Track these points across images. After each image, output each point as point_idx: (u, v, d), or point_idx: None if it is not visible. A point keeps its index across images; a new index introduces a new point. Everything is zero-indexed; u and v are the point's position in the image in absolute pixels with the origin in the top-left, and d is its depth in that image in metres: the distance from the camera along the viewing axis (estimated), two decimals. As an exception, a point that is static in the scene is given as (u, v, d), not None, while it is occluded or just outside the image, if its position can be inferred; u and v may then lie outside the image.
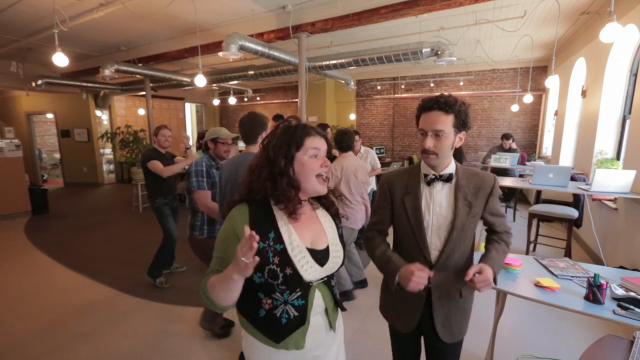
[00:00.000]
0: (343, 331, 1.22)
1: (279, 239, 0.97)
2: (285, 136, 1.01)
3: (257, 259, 0.82)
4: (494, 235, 1.35)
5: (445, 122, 1.16)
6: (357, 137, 4.19)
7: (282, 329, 0.99)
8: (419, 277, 1.11)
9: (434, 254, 1.24)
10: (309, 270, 0.98)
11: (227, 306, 0.96)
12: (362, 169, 2.98)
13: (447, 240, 1.22)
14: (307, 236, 1.02)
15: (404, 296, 1.28)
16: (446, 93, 1.22)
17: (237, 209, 1.01)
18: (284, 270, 0.95)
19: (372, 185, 4.38)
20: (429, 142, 1.17)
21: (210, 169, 2.33)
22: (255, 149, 1.96)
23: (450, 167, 1.25)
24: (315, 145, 1.01)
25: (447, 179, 1.23)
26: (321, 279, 1.04)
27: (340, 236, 1.13)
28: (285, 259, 0.96)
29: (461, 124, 1.19)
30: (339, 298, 1.14)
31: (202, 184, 2.25)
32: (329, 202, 1.14)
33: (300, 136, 1.00)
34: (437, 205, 1.23)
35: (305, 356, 1.04)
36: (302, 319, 1.00)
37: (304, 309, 1.00)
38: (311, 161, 1.00)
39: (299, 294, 1.00)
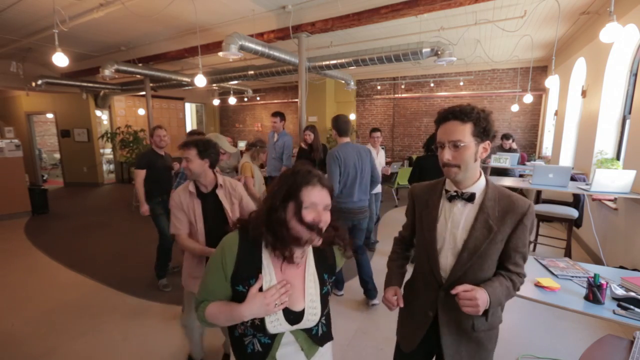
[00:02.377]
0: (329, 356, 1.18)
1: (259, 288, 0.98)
2: (286, 180, 0.98)
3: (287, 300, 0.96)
4: (503, 270, 1.17)
5: (463, 131, 1.07)
6: (378, 134, 4.27)
7: (246, 355, 1.03)
8: (386, 300, 1.22)
9: (444, 274, 1.17)
10: (277, 327, 0.99)
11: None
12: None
13: (456, 262, 1.14)
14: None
15: (412, 312, 1.26)
16: (464, 103, 1.13)
17: (229, 242, 1.02)
18: (253, 319, 0.98)
19: (378, 189, 4.36)
20: (447, 154, 1.09)
21: None
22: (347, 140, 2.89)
23: (477, 186, 1.14)
24: (312, 199, 0.95)
25: (469, 198, 1.13)
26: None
27: (324, 295, 1.07)
28: None
29: (482, 132, 1.09)
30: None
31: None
32: (328, 254, 1.09)
33: (298, 183, 0.97)
34: (455, 224, 1.15)
35: None
36: (264, 355, 1.02)
37: (268, 347, 1.02)
38: (304, 213, 0.94)
39: (266, 335, 1.02)
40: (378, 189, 4.34)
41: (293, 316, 1.00)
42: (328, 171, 2.83)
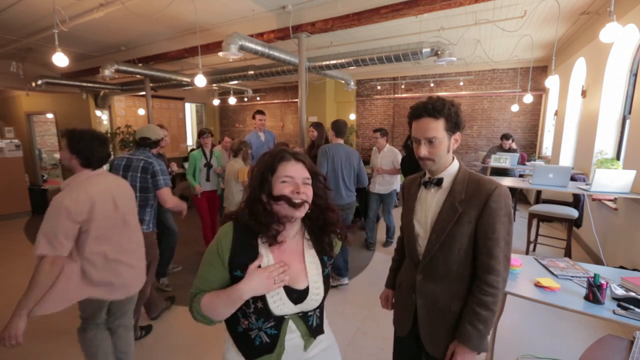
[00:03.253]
0: (331, 345, 1.17)
1: None
2: (262, 162, 1.02)
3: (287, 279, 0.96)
4: (474, 286, 1.17)
5: (437, 128, 1.14)
6: (377, 134, 4.30)
7: (254, 349, 1.02)
8: (380, 299, 1.48)
9: (420, 257, 1.25)
10: (281, 307, 0.99)
11: (220, 321, 1.00)
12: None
13: (427, 244, 1.21)
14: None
15: (401, 297, 1.38)
16: (434, 96, 1.18)
17: (224, 230, 1.02)
18: (255, 302, 0.97)
19: (396, 185, 4.40)
20: (423, 150, 1.17)
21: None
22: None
23: (447, 172, 1.21)
24: (287, 173, 0.99)
25: (437, 182, 1.21)
26: (296, 313, 1.03)
27: (326, 277, 1.08)
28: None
29: (453, 126, 1.16)
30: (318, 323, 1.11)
31: (168, 181, 2.43)
32: (324, 238, 1.08)
33: (274, 162, 1.00)
34: (428, 208, 1.23)
35: None
36: (272, 346, 1.01)
37: (275, 338, 1.01)
38: (281, 187, 0.98)
39: (272, 324, 1.01)
40: (383, 189, 4.35)
41: (296, 295, 1.00)
42: (317, 163, 3.01)
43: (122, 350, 1.95)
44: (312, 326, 1.08)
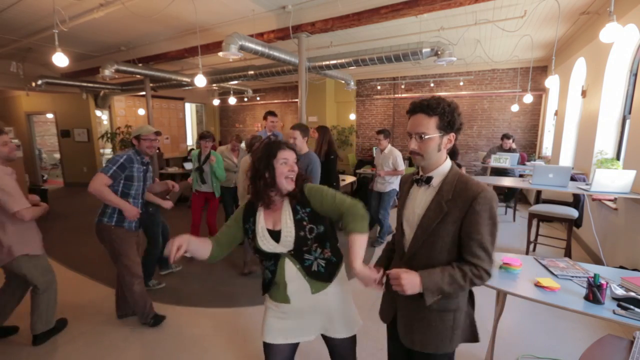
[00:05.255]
0: (340, 299, 1.49)
1: (254, 222, 1.42)
2: (265, 150, 1.39)
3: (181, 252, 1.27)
4: (461, 261, 1.20)
5: (428, 124, 1.18)
6: (382, 136, 4.30)
7: (265, 285, 1.48)
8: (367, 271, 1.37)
9: (406, 250, 1.31)
10: (266, 244, 1.38)
11: (215, 257, 1.43)
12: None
13: (412, 238, 1.26)
14: (269, 221, 1.42)
15: (387, 286, 1.38)
16: (435, 96, 1.22)
17: (240, 207, 1.50)
18: (253, 242, 1.41)
19: (396, 184, 4.41)
20: (413, 144, 1.22)
21: (129, 162, 2.45)
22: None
23: (437, 171, 1.24)
24: (284, 156, 1.38)
25: (426, 180, 1.25)
26: (289, 251, 1.39)
27: (297, 220, 1.38)
28: (254, 234, 1.40)
29: (447, 126, 1.19)
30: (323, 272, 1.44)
31: (108, 170, 2.36)
32: (293, 195, 1.43)
33: (274, 149, 1.37)
34: (417, 204, 1.28)
35: (297, 309, 1.43)
36: (272, 279, 1.43)
37: (274, 273, 1.42)
38: (281, 167, 1.36)
39: (272, 262, 1.42)
40: (382, 188, 4.37)
41: (274, 234, 1.39)
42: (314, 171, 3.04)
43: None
44: (311, 269, 1.41)
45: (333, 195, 1.40)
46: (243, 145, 4.79)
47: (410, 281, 1.15)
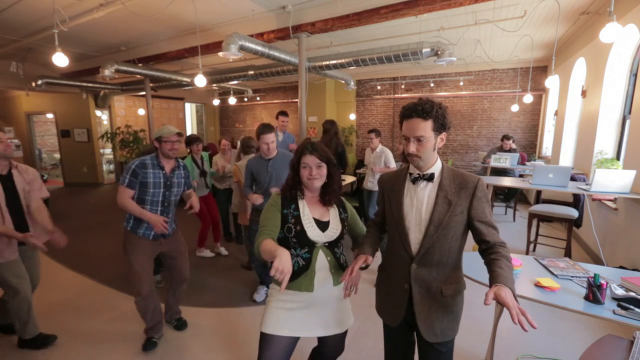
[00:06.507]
0: (341, 297, 1.54)
1: (296, 208, 1.50)
2: (296, 152, 1.55)
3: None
4: (490, 250, 1.27)
5: (425, 127, 1.24)
6: (373, 135, 4.36)
7: (295, 272, 1.44)
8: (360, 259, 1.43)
9: (414, 248, 1.33)
10: (313, 232, 1.46)
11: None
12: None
13: (424, 236, 1.30)
14: (315, 212, 1.52)
15: (390, 289, 1.44)
16: (424, 97, 1.30)
17: (274, 196, 1.56)
18: (296, 227, 1.46)
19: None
20: (412, 147, 1.27)
21: (141, 167, 2.29)
22: None
23: (435, 167, 1.32)
24: (305, 161, 1.50)
25: (429, 178, 1.31)
26: (324, 243, 1.49)
27: (342, 219, 1.56)
28: (298, 220, 1.47)
29: (440, 127, 1.27)
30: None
31: (124, 180, 2.26)
32: (330, 198, 1.58)
33: (299, 153, 1.52)
34: (419, 202, 1.32)
35: (314, 300, 1.48)
36: (306, 267, 1.47)
37: (309, 261, 1.47)
38: (302, 170, 1.50)
39: (306, 250, 1.48)
40: (372, 186, 4.40)
41: (322, 224, 1.49)
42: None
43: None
44: (339, 260, 1.54)
45: (357, 216, 1.68)
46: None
47: (510, 295, 1.15)
